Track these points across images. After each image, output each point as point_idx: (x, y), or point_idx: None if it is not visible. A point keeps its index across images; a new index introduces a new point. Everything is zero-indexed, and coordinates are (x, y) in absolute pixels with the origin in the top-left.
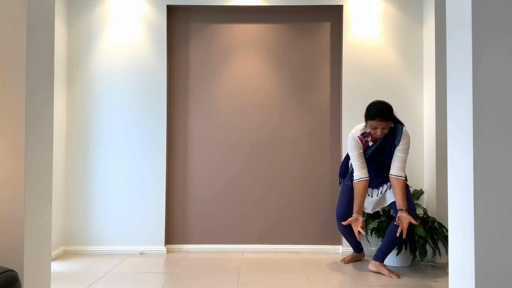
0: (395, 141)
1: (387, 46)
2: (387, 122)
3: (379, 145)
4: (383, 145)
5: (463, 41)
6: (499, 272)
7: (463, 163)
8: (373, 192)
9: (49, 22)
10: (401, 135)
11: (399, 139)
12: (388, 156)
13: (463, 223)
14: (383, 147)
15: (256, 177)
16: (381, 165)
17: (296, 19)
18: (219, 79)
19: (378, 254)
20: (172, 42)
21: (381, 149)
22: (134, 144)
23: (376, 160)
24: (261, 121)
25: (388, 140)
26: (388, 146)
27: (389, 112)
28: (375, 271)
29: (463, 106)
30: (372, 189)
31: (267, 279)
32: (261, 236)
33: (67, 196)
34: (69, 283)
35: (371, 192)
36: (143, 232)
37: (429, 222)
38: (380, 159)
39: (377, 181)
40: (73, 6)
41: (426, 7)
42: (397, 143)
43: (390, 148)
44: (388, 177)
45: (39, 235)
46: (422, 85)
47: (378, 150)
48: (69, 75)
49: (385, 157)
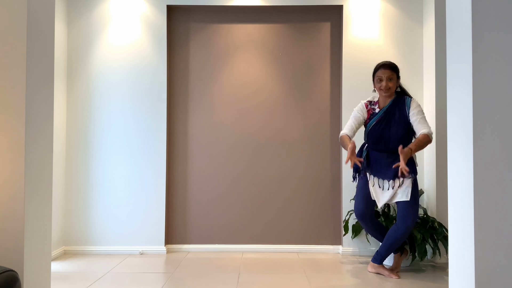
0: (405, 108)
1: (387, 46)
2: (391, 71)
3: (386, 111)
4: (391, 112)
5: (463, 40)
6: (499, 272)
7: (463, 162)
8: (384, 184)
9: (49, 22)
10: (410, 102)
11: (408, 105)
12: (397, 126)
13: (463, 223)
14: (390, 114)
15: (256, 177)
16: (389, 141)
17: (296, 19)
18: (219, 79)
19: (376, 257)
20: (172, 42)
21: (389, 117)
22: (134, 144)
23: (383, 130)
24: (260, 121)
25: (396, 107)
26: (397, 113)
27: (393, 64)
28: (375, 273)
29: (463, 105)
30: (383, 180)
31: (267, 279)
32: (261, 236)
33: (67, 196)
34: (69, 283)
35: (382, 184)
36: (143, 232)
37: (429, 222)
38: (388, 129)
39: (389, 173)
40: (73, 6)
41: (426, 7)
42: (407, 110)
43: (399, 116)
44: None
45: (39, 235)
46: (422, 84)
47: (385, 117)
48: (69, 75)
49: (393, 127)
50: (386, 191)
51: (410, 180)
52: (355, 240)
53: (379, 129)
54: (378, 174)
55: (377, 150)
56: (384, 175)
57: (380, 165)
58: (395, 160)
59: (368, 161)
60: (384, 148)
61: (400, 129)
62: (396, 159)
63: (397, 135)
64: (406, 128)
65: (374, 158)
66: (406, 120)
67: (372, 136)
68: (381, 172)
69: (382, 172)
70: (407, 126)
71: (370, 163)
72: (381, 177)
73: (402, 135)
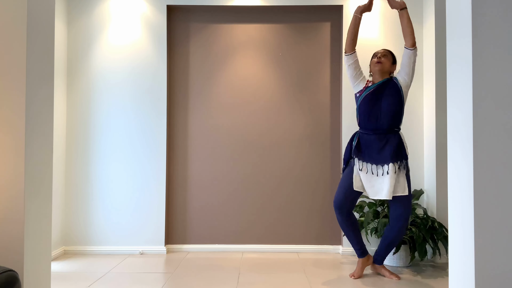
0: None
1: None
2: (386, 50)
3: (378, 85)
4: (383, 87)
5: (463, 40)
6: (499, 272)
7: (463, 162)
8: (378, 170)
9: (49, 22)
10: (396, 77)
11: (397, 79)
12: (387, 100)
13: (463, 223)
14: (382, 89)
15: (256, 176)
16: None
17: (296, 19)
18: (219, 79)
19: (376, 258)
20: (172, 42)
21: (380, 92)
22: (134, 144)
23: (375, 104)
24: (260, 121)
25: (388, 84)
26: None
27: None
28: (375, 273)
29: (463, 105)
30: (377, 166)
31: (267, 279)
32: (261, 236)
33: (67, 196)
34: (69, 283)
35: (376, 171)
36: (143, 232)
37: (429, 222)
38: (379, 103)
39: (381, 156)
40: (73, 6)
41: (426, 7)
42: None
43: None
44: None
45: (39, 235)
46: (422, 85)
47: (376, 91)
48: (69, 75)
49: (384, 102)
50: (381, 177)
51: (405, 171)
52: None
53: (372, 100)
54: (370, 160)
55: (368, 130)
56: (377, 161)
57: (371, 150)
58: (386, 143)
59: (359, 147)
60: (375, 125)
61: (391, 103)
62: (388, 142)
63: (388, 110)
64: (397, 103)
65: (365, 144)
66: (398, 93)
67: (363, 108)
68: (373, 158)
69: (374, 158)
70: (398, 102)
71: (361, 149)
72: (374, 163)
73: (393, 112)
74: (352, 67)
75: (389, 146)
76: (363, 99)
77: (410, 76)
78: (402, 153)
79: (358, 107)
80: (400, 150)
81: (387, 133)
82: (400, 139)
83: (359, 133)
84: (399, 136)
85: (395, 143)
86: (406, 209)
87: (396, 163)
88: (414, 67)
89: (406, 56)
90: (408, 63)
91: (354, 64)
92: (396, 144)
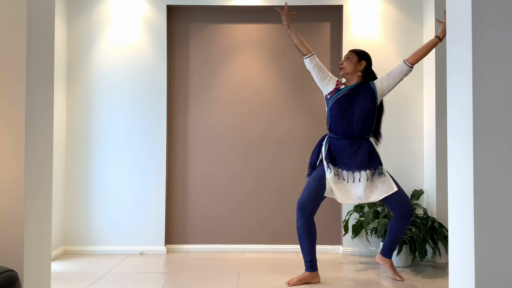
0: (371, 88)
1: (387, 46)
2: (351, 52)
3: (351, 88)
4: (356, 91)
5: (463, 40)
6: (499, 272)
7: (464, 162)
8: (348, 176)
9: (49, 22)
10: (374, 82)
11: (374, 85)
12: (361, 105)
13: (463, 223)
14: (356, 93)
15: (256, 177)
16: (352, 121)
17: (296, 19)
18: (219, 79)
19: (385, 251)
20: (172, 42)
21: (354, 95)
22: (134, 144)
23: (347, 106)
24: (260, 121)
25: (362, 88)
26: (362, 93)
27: (358, 49)
28: (382, 264)
29: (463, 105)
30: (342, 171)
31: (267, 279)
32: (261, 236)
33: (67, 196)
34: (69, 283)
35: (347, 176)
36: (143, 232)
37: (429, 222)
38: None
39: (352, 162)
40: (73, 6)
41: (426, 7)
42: (374, 88)
43: (365, 95)
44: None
45: (39, 235)
46: (422, 85)
47: (349, 94)
48: (69, 75)
49: (357, 106)
50: (358, 183)
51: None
52: (355, 240)
53: (344, 104)
54: (341, 166)
55: (339, 135)
56: (348, 166)
57: (343, 156)
58: (358, 149)
59: (330, 152)
60: (346, 130)
61: (365, 107)
62: (360, 148)
63: (361, 114)
64: (370, 109)
65: (336, 149)
66: (373, 98)
67: (334, 111)
68: (345, 163)
69: (345, 163)
70: (372, 108)
71: (332, 154)
72: (345, 169)
73: (366, 118)
74: (316, 69)
75: (361, 152)
76: (334, 102)
77: (390, 87)
78: (374, 159)
79: (329, 110)
80: (373, 157)
81: (359, 140)
82: (371, 145)
83: (329, 137)
84: (370, 142)
85: (367, 150)
86: (403, 200)
87: (369, 170)
88: (399, 83)
89: (400, 69)
90: (398, 76)
91: (317, 65)
92: (368, 150)
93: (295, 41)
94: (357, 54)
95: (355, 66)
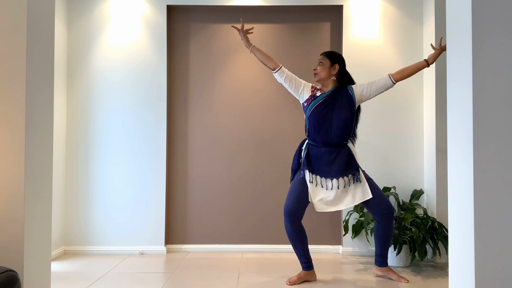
0: (350, 94)
1: (387, 46)
2: (323, 56)
3: (328, 95)
4: (334, 97)
5: (463, 40)
6: (499, 272)
7: (463, 162)
8: (327, 183)
9: (49, 22)
10: (353, 87)
11: (352, 90)
12: (339, 112)
13: (463, 223)
14: (334, 99)
15: (256, 176)
16: (330, 129)
17: (296, 19)
18: (219, 79)
19: (380, 260)
20: (172, 42)
21: (332, 102)
22: (134, 144)
23: (326, 114)
24: (260, 121)
25: (340, 94)
26: (340, 99)
27: (331, 51)
28: (382, 275)
29: (463, 105)
30: (326, 179)
31: (267, 279)
32: (261, 236)
33: (67, 196)
34: (69, 283)
35: (325, 183)
36: (143, 232)
37: (429, 222)
38: (330, 114)
39: (330, 170)
40: (73, 6)
41: (426, 7)
42: (353, 94)
43: (343, 102)
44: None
45: (39, 235)
46: (422, 85)
47: (327, 101)
48: (69, 75)
49: (336, 113)
50: (330, 191)
51: (357, 182)
52: (355, 240)
53: (322, 113)
54: (319, 173)
55: (318, 142)
56: (326, 174)
57: (321, 163)
58: (337, 156)
59: (309, 159)
60: (325, 138)
61: (343, 115)
62: (338, 155)
63: (340, 122)
64: (348, 117)
65: (315, 156)
66: (351, 105)
67: (313, 120)
68: (322, 171)
69: (323, 171)
70: (350, 115)
71: (311, 161)
72: (322, 176)
73: (345, 126)
74: (287, 81)
75: (339, 159)
76: (312, 110)
77: (370, 97)
78: (353, 165)
79: (307, 118)
80: (350, 163)
81: (337, 147)
82: (349, 151)
83: (308, 143)
84: (348, 148)
85: (345, 156)
86: (382, 202)
87: (346, 177)
88: (378, 95)
89: (384, 83)
90: (380, 89)
91: (287, 77)
92: (346, 157)
93: (259, 57)
94: (329, 58)
95: (329, 71)
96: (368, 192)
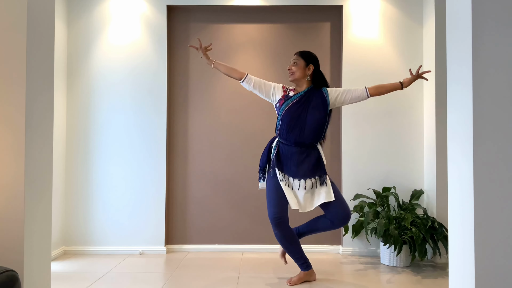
0: (324, 96)
1: (387, 46)
2: (297, 56)
3: (302, 95)
4: (308, 98)
5: (463, 41)
6: (499, 272)
7: (463, 162)
8: (293, 183)
9: (49, 22)
10: (328, 90)
11: (327, 93)
12: (313, 112)
13: (463, 223)
14: (308, 99)
15: (256, 177)
16: (303, 128)
17: (296, 19)
18: (219, 79)
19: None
20: (172, 42)
21: (306, 102)
22: (134, 144)
23: (300, 114)
24: (260, 120)
25: (314, 95)
26: (314, 100)
27: (305, 51)
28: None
29: (463, 105)
30: (294, 179)
31: (267, 279)
32: (261, 236)
33: (67, 196)
34: (69, 283)
35: (292, 183)
36: (143, 232)
37: (429, 222)
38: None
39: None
40: (73, 6)
41: (426, 7)
42: (327, 97)
43: (317, 103)
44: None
45: (39, 235)
46: (422, 85)
47: (301, 101)
48: (69, 75)
49: (310, 113)
50: (297, 191)
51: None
52: (355, 240)
53: (297, 112)
54: (288, 172)
55: (290, 142)
56: (294, 174)
57: (291, 163)
58: (307, 157)
59: (279, 158)
60: (297, 138)
61: (317, 116)
62: (308, 156)
63: (313, 123)
64: (322, 119)
65: (285, 155)
66: (325, 107)
67: (286, 119)
68: (291, 170)
69: (292, 170)
70: (324, 117)
71: (280, 159)
72: (291, 175)
73: (318, 125)
74: (256, 88)
75: (308, 160)
76: (286, 110)
77: (343, 104)
78: (320, 167)
79: (280, 117)
80: (318, 165)
81: (308, 148)
82: (319, 153)
83: (279, 142)
84: (317, 150)
85: (315, 158)
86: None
87: (314, 178)
88: (350, 104)
89: (359, 94)
90: (354, 99)
91: (255, 84)
92: (315, 158)
93: (223, 71)
94: (304, 58)
95: (304, 71)
96: (331, 194)
